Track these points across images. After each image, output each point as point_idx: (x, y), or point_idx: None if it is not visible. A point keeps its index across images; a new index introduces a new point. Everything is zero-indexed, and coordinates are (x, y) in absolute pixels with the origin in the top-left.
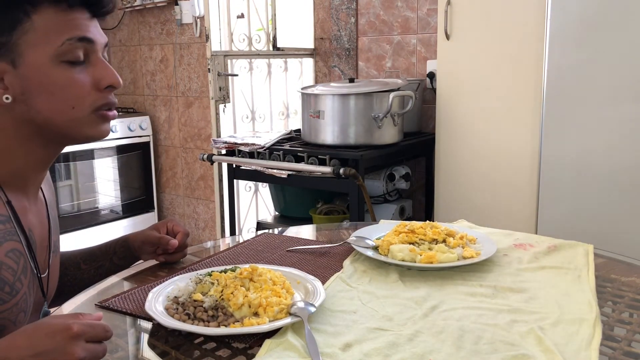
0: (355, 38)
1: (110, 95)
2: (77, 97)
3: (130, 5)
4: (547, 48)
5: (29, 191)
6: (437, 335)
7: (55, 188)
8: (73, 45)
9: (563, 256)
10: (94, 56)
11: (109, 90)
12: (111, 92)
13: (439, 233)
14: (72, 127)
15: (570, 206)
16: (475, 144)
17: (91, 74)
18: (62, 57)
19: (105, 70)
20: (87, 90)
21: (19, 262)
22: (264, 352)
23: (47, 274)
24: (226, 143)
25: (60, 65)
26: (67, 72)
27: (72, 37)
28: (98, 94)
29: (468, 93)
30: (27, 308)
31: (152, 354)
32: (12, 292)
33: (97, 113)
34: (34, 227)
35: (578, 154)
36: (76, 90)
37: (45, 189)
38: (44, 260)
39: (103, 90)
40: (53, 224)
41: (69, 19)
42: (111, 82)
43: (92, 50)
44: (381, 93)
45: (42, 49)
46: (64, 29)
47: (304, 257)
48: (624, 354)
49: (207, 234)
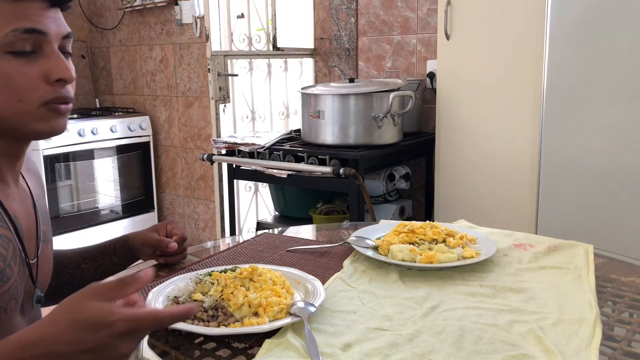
0: (355, 38)
1: (63, 89)
2: (23, 89)
3: (130, 5)
4: (547, 48)
5: (7, 180)
6: (437, 335)
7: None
8: (18, 36)
9: (563, 256)
10: (47, 48)
11: (60, 84)
12: (63, 86)
13: (439, 233)
14: (20, 122)
15: (570, 206)
16: (475, 143)
17: (41, 66)
18: (6, 48)
19: (57, 63)
20: (34, 82)
21: (8, 249)
22: (264, 352)
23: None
24: (226, 143)
25: (5, 56)
26: (12, 63)
27: (17, 29)
28: (48, 87)
29: (468, 93)
30: (18, 295)
31: (152, 354)
32: (3, 279)
33: (47, 107)
34: (19, 215)
35: (578, 154)
36: (22, 82)
37: (31, 180)
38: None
39: (53, 83)
40: (41, 214)
41: (18, 9)
42: (61, 75)
43: (45, 42)
44: (381, 93)
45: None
46: (9, 20)
47: (304, 257)
48: (624, 354)
49: (207, 234)
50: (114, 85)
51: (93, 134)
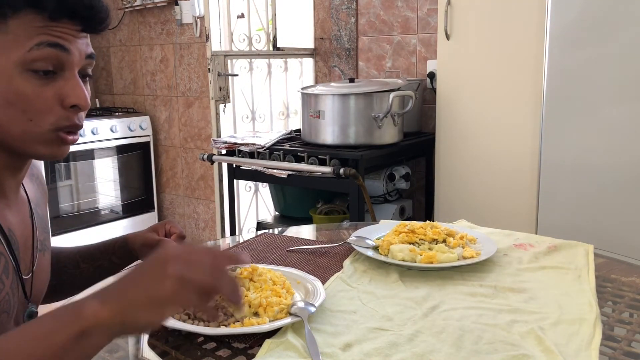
0: (355, 38)
1: (76, 117)
2: (36, 110)
3: (130, 5)
4: (547, 48)
5: (5, 191)
6: (437, 335)
7: (55, 188)
8: (42, 51)
9: (563, 256)
10: (68, 71)
11: (74, 111)
12: (77, 113)
13: (439, 233)
14: (26, 142)
15: (570, 206)
16: (476, 143)
17: (58, 89)
18: (28, 65)
19: (75, 88)
20: (48, 105)
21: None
22: (264, 352)
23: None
24: (226, 143)
25: (25, 73)
26: (31, 82)
27: (42, 42)
28: (62, 111)
29: (468, 93)
30: (10, 309)
31: (152, 354)
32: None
33: (57, 133)
34: (15, 227)
35: (578, 154)
36: (36, 103)
37: (32, 187)
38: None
39: (68, 109)
40: (39, 223)
41: (47, 26)
42: (77, 102)
43: (67, 62)
44: (381, 93)
45: (8, 54)
46: (35, 35)
47: (304, 257)
48: (624, 354)
49: (207, 234)
50: (114, 85)
51: (93, 134)
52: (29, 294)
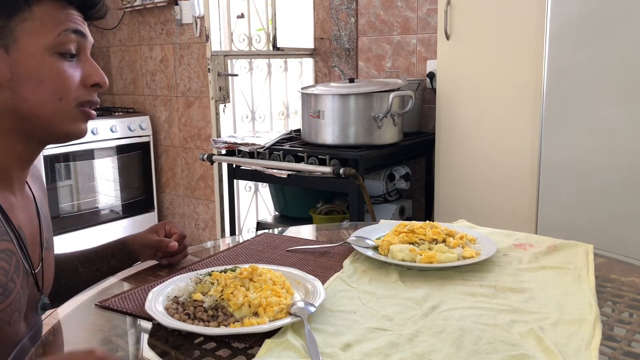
0: (355, 38)
1: (95, 94)
2: (65, 89)
3: (130, 5)
4: (547, 48)
5: (14, 188)
6: (437, 335)
7: (55, 188)
8: (68, 37)
9: (563, 256)
10: (83, 54)
11: (94, 89)
12: (96, 91)
13: (439, 233)
14: (55, 120)
15: (570, 206)
16: (475, 143)
17: (80, 70)
18: (56, 48)
19: (94, 68)
20: (75, 84)
21: (10, 262)
22: (264, 352)
23: (40, 268)
24: (226, 143)
25: (54, 56)
26: (59, 63)
27: (68, 29)
28: (84, 90)
29: (468, 93)
30: (21, 307)
31: (152, 354)
32: (5, 293)
33: (81, 109)
34: (23, 224)
35: (578, 154)
36: (65, 82)
37: (35, 187)
38: (37, 256)
39: (89, 87)
40: (44, 221)
41: (67, 15)
42: (99, 80)
43: (83, 47)
44: (381, 93)
45: (38, 38)
46: (61, 21)
47: (304, 257)
48: (624, 354)
49: (207, 234)
50: (114, 85)
51: (93, 134)
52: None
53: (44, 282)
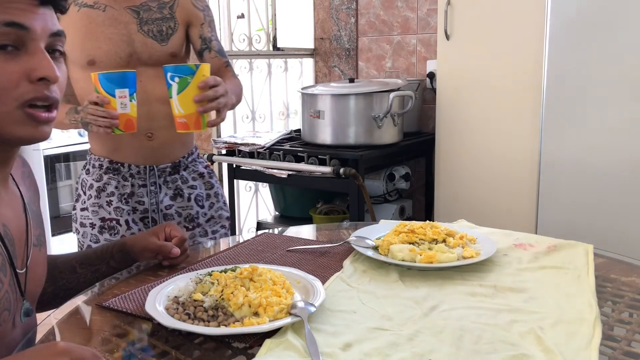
0: (355, 38)
1: (46, 89)
2: (1, 87)
3: None
4: (547, 48)
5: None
6: (437, 335)
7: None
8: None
9: (563, 256)
10: (32, 45)
11: (43, 84)
12: (46, 86)
13: (439, 233)
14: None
15: (570, 206)
16: (475, 143)
17: (23, 64)
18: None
19: (40, 61)
20: (14, 80)
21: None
22: (264, 352)
23: (25, 270)
24: (226, 143)
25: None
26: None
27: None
28: (29, 86)
29: (468, 93)
30: (11, 306)
31: (152, 354)
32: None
33: (26, 110)
34: (8, 221)
35: (578, 154)
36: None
37: (25, 184)
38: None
39: (35, 82)
40: (33, 218)
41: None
42: (44, 73)
43: (29, 39)
44: (381, 93)
45: None
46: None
47: (304, 257)
48: (623, 354)
49: None
50: None
51: None
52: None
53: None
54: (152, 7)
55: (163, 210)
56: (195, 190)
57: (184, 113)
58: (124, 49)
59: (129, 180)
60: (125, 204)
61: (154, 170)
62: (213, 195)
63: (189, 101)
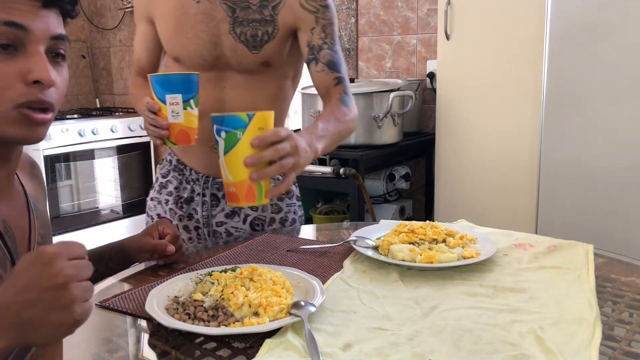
0: (355, 38)
1: (41, 93)
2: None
3: (130, 5)
4: (547, 48)
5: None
6: (437, 335)
7: (55, 188)
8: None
9: (563, 256)
10: (30, 47)
11: (38, 87)
12: (41, 90)
13: (439, 233)
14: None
15: (570, 206)
16: (475, 143)
17: (19, 65)
18: None
19: (37, 63)
20: (9, 81)
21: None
22: (264, 352)
23: None
24: None
25: None
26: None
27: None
28: (24, 88)
29: (468, 93)
30: None
31: (152, 354)
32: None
33: (20, 111)
34: (10, 219)
35: (578, 154)
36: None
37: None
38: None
39: (31, 85)
40: (38, 217)
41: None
42: (39, 76)
43: (27, 40)
44: (381, 93)
45: None
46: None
47: (304, 257)
48: (624, 354)
49: None
50: (115, 85)
51: (93, 134)
52: None
53: None
54: (252, 4)
55: (212, 226)
56: (256, 212)
57: (232, 180)
58: (211, 51)
59: (190, 184)
60: (180, 208)
61: (215, 181)
62: (278, 221)
63: (238, 164)
